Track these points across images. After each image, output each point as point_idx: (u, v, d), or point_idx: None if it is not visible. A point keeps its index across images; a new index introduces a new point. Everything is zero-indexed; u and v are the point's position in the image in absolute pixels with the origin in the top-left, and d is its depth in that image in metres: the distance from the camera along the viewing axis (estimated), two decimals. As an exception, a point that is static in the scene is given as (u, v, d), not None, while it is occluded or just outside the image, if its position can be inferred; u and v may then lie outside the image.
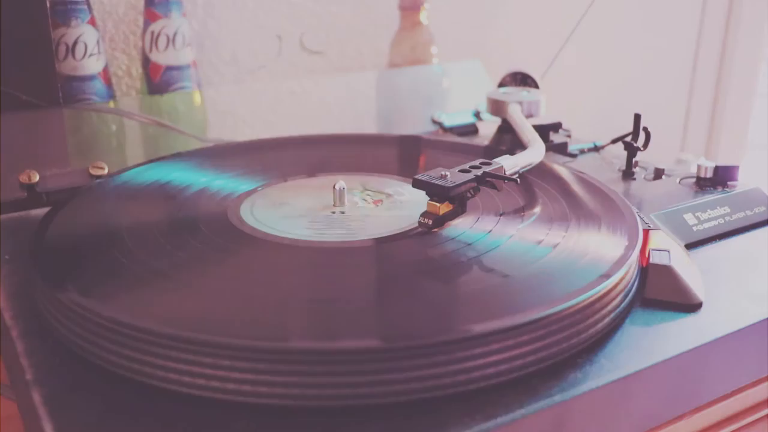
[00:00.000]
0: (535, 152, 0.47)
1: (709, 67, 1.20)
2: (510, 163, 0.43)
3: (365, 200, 0.44)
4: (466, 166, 0.41)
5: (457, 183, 0.39)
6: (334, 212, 0.42)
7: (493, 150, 0.55)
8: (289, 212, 0.42)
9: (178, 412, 0.28)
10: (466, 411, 0.28)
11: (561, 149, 0.59)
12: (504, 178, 0.41)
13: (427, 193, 0.39)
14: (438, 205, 0.39)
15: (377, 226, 0.40)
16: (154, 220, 0.41)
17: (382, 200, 0.43)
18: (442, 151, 0.54)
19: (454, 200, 0.39)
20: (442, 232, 0.39)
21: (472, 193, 0.40)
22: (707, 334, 0.33)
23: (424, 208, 0.39)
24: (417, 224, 0.39)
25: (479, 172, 0.40)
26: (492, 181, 0.41)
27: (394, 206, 0.43)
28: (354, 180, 0.47)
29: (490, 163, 0.42)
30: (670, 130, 1.22)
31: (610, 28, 1.05)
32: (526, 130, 0.53)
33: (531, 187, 0.45)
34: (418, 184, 0.39)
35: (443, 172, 0.40)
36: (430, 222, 0.39)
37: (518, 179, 0.41)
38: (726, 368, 0.35)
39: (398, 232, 0.39)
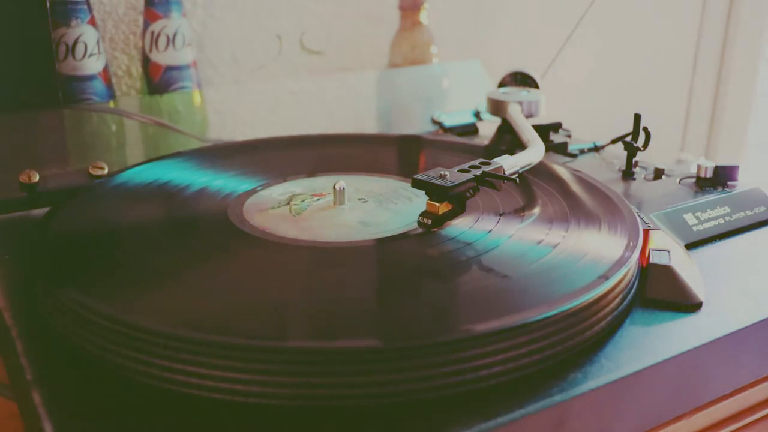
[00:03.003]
0: (534, 152, 0.47)
1: (709, 67, 1.20)
2: (509, 163, 0.43)
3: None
4: (466, 166, 0.41)
5: (456, 183, 0.39)
6: (333, 212, 0.42)
7: (493, 150, 0.55)
8: (289, 212, 0.42)
9: (178, 412, 0.28)
10: (466, 411, 0.28)
11: (561, 149, 0.59)
12: (503, 178, 0.41)
13: (426, 193, 0.39)
14: (437, 204, 0.39)
15: (378, 226, 0.40)
16: (154, 220, 0.41)
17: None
18: (442, 151, 0.54)
19: (453, 200, 0.39)
20: (442, 232, 0.39)
21: (472, 192, 0.40)
22: (707, 334, 0.33)
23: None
24: (416, 224, 0.39)
25: (478, 172, 0.40)
26: (491, 180, 0.41)
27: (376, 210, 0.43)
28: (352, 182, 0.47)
29: (489, 163, 0.42)
30: (670, 130, 1.22)
31: (610, 28, 1.05)
32: (525, 130, 0.53)
33: (531, 187, 0.45)
34: (417, 184, 0.39)
35: (442, 172, 0.40)
36: (429, 222, 0.39)
37: (517, 179, 0.41)
38: (726, 368, 0.35)
39: (398, 232, 0.39)
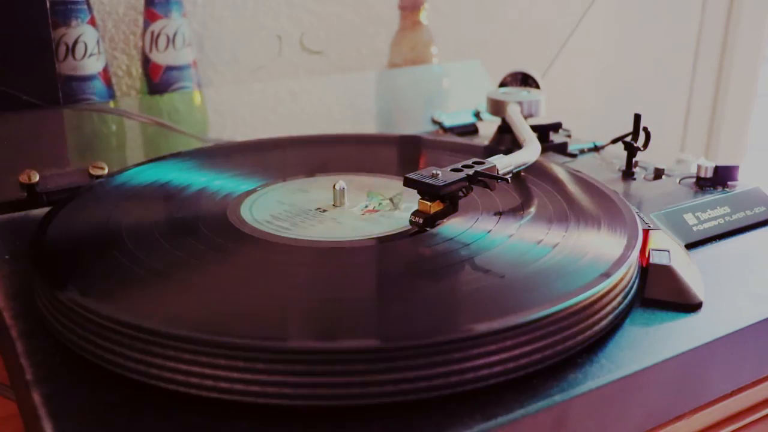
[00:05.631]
0: (529, 152, 0.47)
1: (709, 67, 1.20)
2: (503, 163, 0.43)
3: (366, 206, 0.43)
4: (459, 166, 0.41)
5: (447, 182, 0.38)
6: (333, 212, 0.42)
7: (493, 150, 0.55)
8: (289, 212, 0.42)
9: (178, 412, 0.28)
10: (466, 411, 0.28)
11: (561, 149, 0.59)
12: (495, 177, 0.41)
13: (418, 192, 0.39)
14: (429, 204, 0.39)
15: (375, 226, 0.40)
16: (154, 220, 0.41)
17: (377, 210, 0.43)
18: (442, 151, 0.54)
19: (445, 199, 0.39)
20: (441, 232, 0.39)
21: (465, 192, 0.40)
22: (707, 334, 0.33)
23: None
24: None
25: (471, 172, 0.40)
26: (484, 180, 0.40)
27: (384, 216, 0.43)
28: (358, 183, 0.47)
29: (483, 163, 0.42)
30: (670, 130, 1.22)
31: (610, 27, 1.05)
32: (523, 130, 0.53)
33: (530, 187, 0.45)
34: (409, 183, 0.39)
35: (434, 171, 0.39)
36: (421, 221, 0.39)
37: (509, 179, 0.41)
38: (726, 368, 0.35)
39: (398, 232, 0.39)
